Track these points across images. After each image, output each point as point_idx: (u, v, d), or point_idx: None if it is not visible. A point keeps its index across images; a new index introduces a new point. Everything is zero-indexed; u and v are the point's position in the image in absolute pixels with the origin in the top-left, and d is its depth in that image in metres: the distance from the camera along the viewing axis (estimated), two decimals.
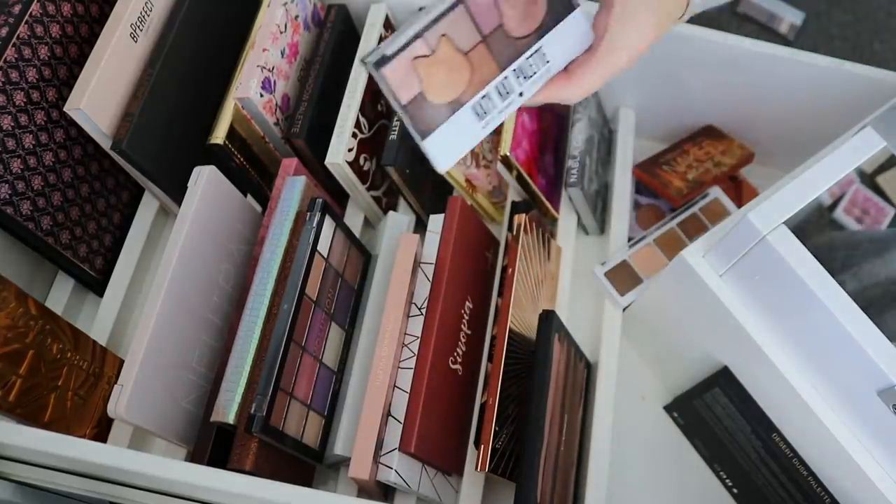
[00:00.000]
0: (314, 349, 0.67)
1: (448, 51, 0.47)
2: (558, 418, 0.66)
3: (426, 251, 0.71)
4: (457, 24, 0.46)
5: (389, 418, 0.64)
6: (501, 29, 0.48)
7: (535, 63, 0.49)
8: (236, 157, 0.74)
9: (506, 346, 0.65)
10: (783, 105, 0.83)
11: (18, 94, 0.65)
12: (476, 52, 0.47)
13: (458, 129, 0.48)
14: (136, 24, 0.69)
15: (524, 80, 0.49)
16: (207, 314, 0.68)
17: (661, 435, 0.77)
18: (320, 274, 0.68)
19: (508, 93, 0.49)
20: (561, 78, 0.52)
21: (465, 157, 0.77)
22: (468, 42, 0.47)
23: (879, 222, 0.63)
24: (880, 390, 0.52)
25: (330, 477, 0.73)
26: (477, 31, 0.47)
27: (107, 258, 0.78)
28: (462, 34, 0.47)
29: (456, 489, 0.71)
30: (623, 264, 0.80)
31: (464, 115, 0.48)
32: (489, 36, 0.48)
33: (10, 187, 0.65)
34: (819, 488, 0.63)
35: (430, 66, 0.46)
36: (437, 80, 0.47)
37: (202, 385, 0.68)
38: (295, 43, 0.79)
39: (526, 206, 0.79)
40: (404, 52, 0.45)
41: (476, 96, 0.48)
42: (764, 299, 0.59)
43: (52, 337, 0.61)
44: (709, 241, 0.62)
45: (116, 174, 0.79)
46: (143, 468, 0.54)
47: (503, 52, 0.48)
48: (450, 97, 0.48)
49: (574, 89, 0.52)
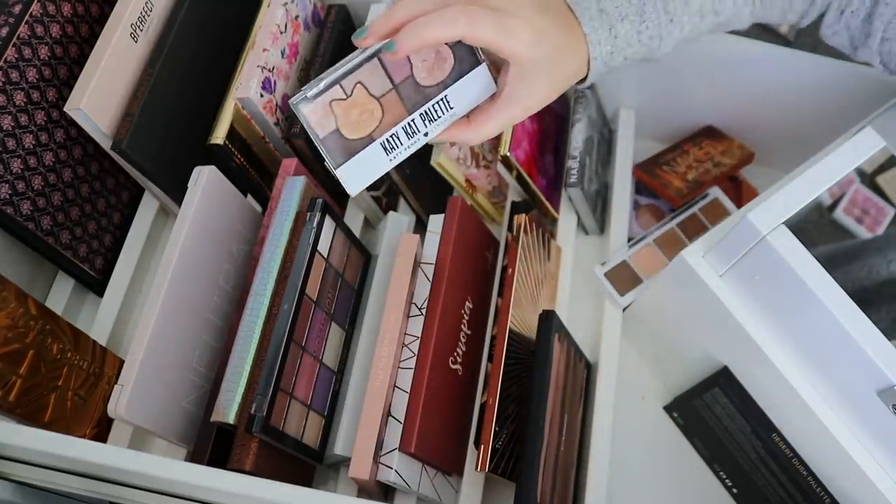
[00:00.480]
0: (314, 349, 0.67)
1: (362, 95, 0.54)
2: (558, 418, 0.66)
3: (426, 251, 0.71)
4: (370, 73, 0.54)
5: (389, 418, 0.64)
6: (411, 78, 0.55)
7: (441, 108, 0.56)
8: (236, 157, 0.74)
9: (506, 346, 0.65)
10: (783, 105, 0.83)
11: (18, 94, 0.65)
12: (387, 98, 0.55)
13: (368, 160, 0.56)
14: (136, 24, 0.69)
15: (429, 123, 0.56)
16: (207, 314, 0.68)
17: (661, 435, 0.77)
18: (320, 274, 0.68)
19: (415, 132, 0.56)
20: (463, 123, 0.58)
21: (466, 157, 0.77)
22: (380, 89, 0.54)
23: (879, 222, 0.63)
24: (880, 390, 0.52)
25: (330, 477, 0.73)
26: (389, 80, 0.54)
27: (107, 258, 0.78)
28: (375, 82, 0.54)
29: (456, 489, 0.71)
30: (623, 264, 0.80)
31: (373, 150, 0.55)
32: (400, 84, 0.55)
33: (10, 187, 0.65)
34: (819, 488, 0.63)
35: (346, 108, 0.54)
36: (351, 119, 0.54)
37: (202, 385, 0.68)
38: (295, 43, 0.79)
39: (526, 206, 0.79)
40: (323, 95, 0.53)
41: (385, 134, 0.55)
42: (764, 299, 0.59)
43: (52, 337, 0.61)
44: (709, 242, 0.62)
45: (116, 174, 0.79)
46: (143, 468, 0.54)
47: (412, 98, 0.56)
48: (362, 134, 0.55)
49: (474, 133, 0.58)
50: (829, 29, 0.66)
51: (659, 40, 0.60)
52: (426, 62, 0.55)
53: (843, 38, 0.67)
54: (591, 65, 0.59)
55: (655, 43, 0.60)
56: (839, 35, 0.67)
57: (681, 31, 0.61)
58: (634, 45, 0.59)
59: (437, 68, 0.56)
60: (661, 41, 0.60)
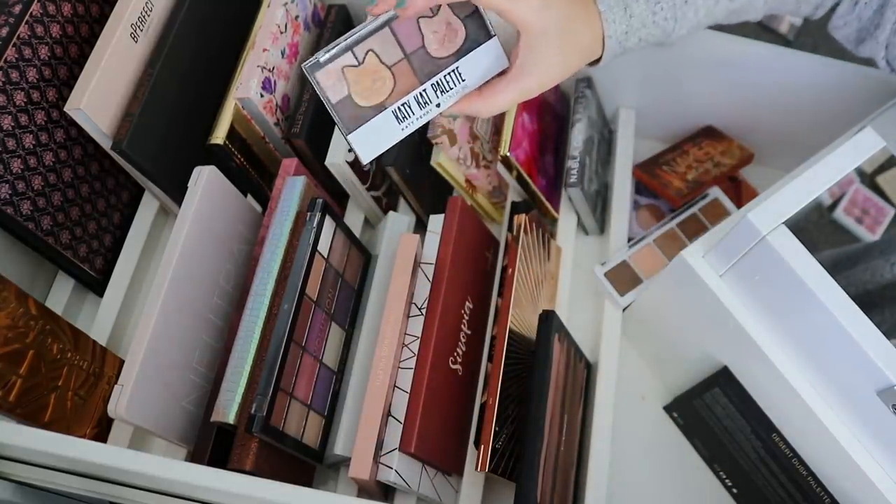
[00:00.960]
0: (314, 349, 0.67)
1: (374, 63, 0.55)
2: (558, 418, 0.66)
3: (426, 251, 0.71)
4: (382, 41, 0.55)
5: (389, 418, 0.64)
6: (423, 49, 0.56)
7: (452, 80, 0.57)
8: (236, 157, 0.74)
9: (506, 346, 0.65)
10: (783, 105, 0.83)
11: (19, 94, 0.65)
12: (399, 67, 0.56)
13: (380, 128, 0.57)
14: (136, 24, 0.69)
15: (441, 94, 0.57)
16: (208, 314, 0.68)
17: (661, 435, 0.77)
18: (320, 274, 0.68)
19: (427, 103, 0.57)
20: (475, 94, 0.58)
21: (466, 157, 0.77)
22: (392, 58, 0.56)
23: (879, 222, 0.63)
24: (880, 390, 0.52)
25: (330, 477, 0.73)
26: (400, 49, 0.56)
27: (107, 258, 0.78)
28: (387, 50, 0.55)
29: (456, 489, 0.71)
30: (623, 264, 0.80)
31: (385, 118, 0.56)
32: (411, 54, 0.56)
33: (10, 187, 0.65)
34: (819, 488, 0.63)
35: (358, 75, 0.55)
36: (362, 86, 0.55)
37: (202, 385, 0.68)
38: (295, 43, 0.79)
39: (526, 207, 0.79)
40: (335, 61, 0.54)
41: (397, 102, 0.56)
42: (764, 299, 0.59)
43: (53, 337, 0.61)
44: (709, 242, 0.62)
45: (116, 174, 0.79)
46: (143, 468, 0.54)
47: (424, 68, 0.57)
48: (374, 101, 0.56)
49: (484, 104, 0.58)
50: (841, 20, 0.66)
51: (674, 21, 0.60)
52: (437, 34, 0.56)
53: (852, 29, 0.66)
54: (605, 43, 0.59)
55: (670, 25, 0.60)
56: (848, 26, 0.66)
57: (695, 14, 0.60)
58: (649, 26, 0.59)
59: (449, 41, 0.57)
60: (676, 23, 0.60)
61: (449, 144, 0.74)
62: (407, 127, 0.57)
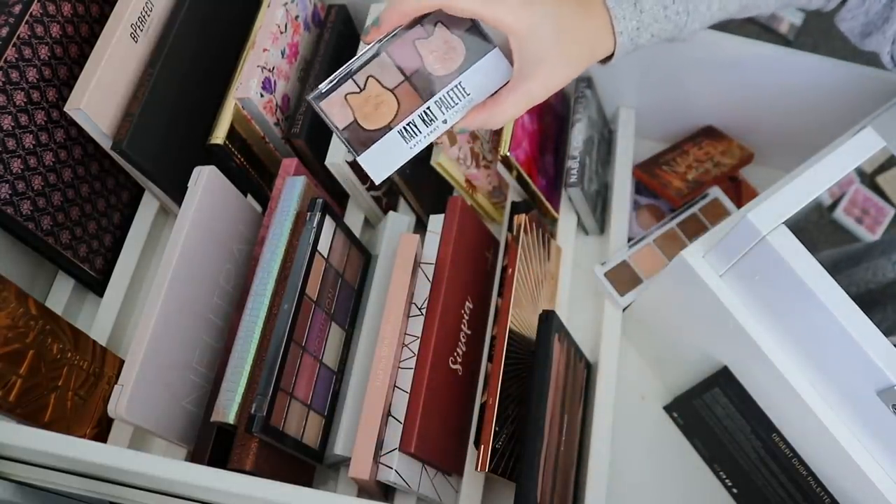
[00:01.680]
0: (314, 349, 0.67)
1: (375, 87, 0.57)
2: (558, 418, 0.66)
3: (426, 251, 0.71)
4: (381, 67, 0.56)
5: (389, 418, 0.64)
6: (423, 70, 0.57)
7: (456, 95, 0.58)
8: (236, 157, 0.74)
9: (506, 346, 0.65)
10: (783, 105, 0.83)
11: (19, 94, 0.65)
12: (401, 89, 0.57)
13: (389, 149, 0.58)
14: (136, 24, 0.69)
15: (447, 110, 0.58)
16: (208, 314, 0.68)
17: (661, 435, 0.77)
18: (320, 274, 0.68)
19: (433, 120, 0.58)
20: (480, 107, 0.58)
21: (466, 157, 0.77)
22: (393, 81, 0.57)
23: (879, 222, 0.63)
24: (880, 390, 0.52)
25: (330, 477, 0.73)
26: (400, 72, 0.57)
27: (107, 258, 0.78)
28: (387, 75, 0.57)
29: (456, 489, 0.71)
30: (623, 264, 0.80)
31: (392, 138, 0.57)
32: (412, 76, 0.57)
33: (10, 187, 0.65)
34: (819, 488, 0.63)
35: (361, 100, 0.57)
36: (367, 111, 0.57)
37: (202, 385, 0.68)
38: (295, 43, 0.79)
39: (526, 207, 0.79)
40: (337, 90, 0.56)
41: (402, 122, 0.57)
42: (764, 299, 0.59)
43: (53, 337, 0.61)
44: (709, 242, 0.62)
45: (116, 174, 0.79)
46: (143, 468, 0.54)
47: (427, 88, 0.57)
48: (380, 124, 0.57)
49: (490, 116, 0.57)
50: (849, 13, 0.65)
51: (686, 15, 0.58)
52: (436, 53, 0.57)
53: (858, 22, 0.65)
54: (616, 41, 0.57)
55: (683, 19, 0.58)
56: (855, 19, 0.65)
57: (708, 8, 0.59)
58: (661, 21, 0.57)
59: (450, 58, 0.57)
60: (689, 17, 0.58)
61: (449, 144, 0.74)
62: (416, 145, 0.58)
